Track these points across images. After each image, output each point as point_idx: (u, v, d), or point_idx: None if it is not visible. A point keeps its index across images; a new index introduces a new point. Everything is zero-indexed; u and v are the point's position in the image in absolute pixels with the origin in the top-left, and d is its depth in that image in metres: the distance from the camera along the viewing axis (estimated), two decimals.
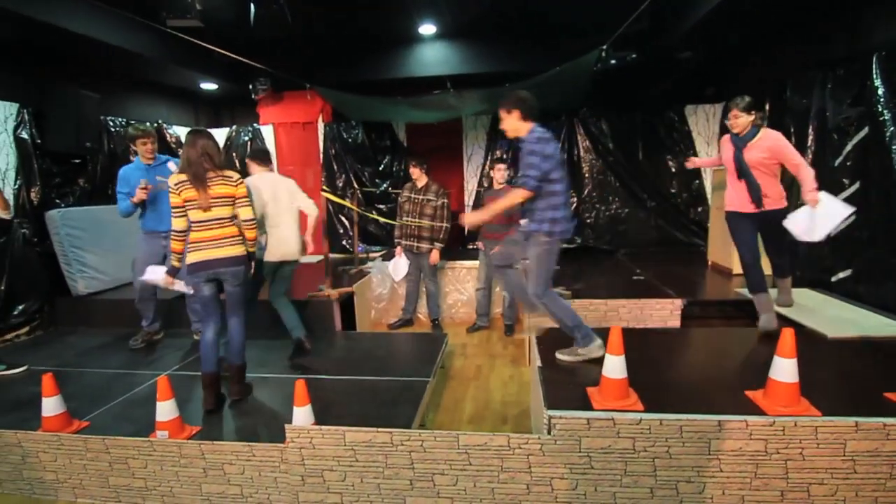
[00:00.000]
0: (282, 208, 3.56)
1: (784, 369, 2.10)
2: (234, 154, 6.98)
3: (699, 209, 6.22)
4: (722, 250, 4.97)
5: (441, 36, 5.66)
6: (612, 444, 2.06)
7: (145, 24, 4.24)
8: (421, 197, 4.65)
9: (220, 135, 7.01)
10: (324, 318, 4.27)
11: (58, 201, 4.77)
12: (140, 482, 2.41)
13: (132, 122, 5.76)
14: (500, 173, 4.62)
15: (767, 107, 5.01)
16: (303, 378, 2.40)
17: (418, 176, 4.68)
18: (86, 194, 5.03)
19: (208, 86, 6.39)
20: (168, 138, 6.39)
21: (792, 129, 4.33)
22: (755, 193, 3.15)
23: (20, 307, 4.37)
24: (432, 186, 4.68)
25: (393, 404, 2.80)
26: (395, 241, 4.87)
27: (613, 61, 4.87)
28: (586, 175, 6.47)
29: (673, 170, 6.29)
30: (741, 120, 3.15)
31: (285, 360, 3.56)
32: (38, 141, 4.60)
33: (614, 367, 2.20)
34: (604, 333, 2.29)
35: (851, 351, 2.85)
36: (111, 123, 5.39)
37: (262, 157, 3.68)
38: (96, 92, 4.96)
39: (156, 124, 6.20)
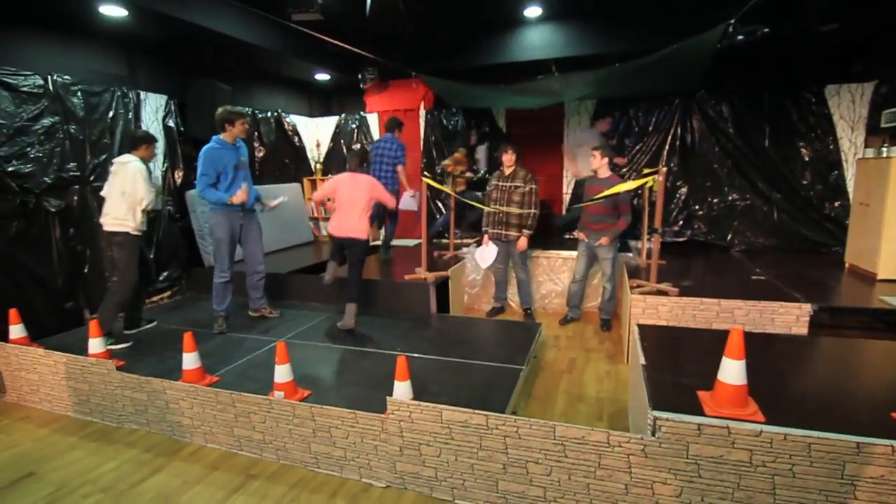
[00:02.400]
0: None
1: None
2: (342, 141, 7.40)
3: (836, 204, 5.47)
4: (865, 251, 4.35)
5: (547, 18, 5.48)
6: (724, 454, 1.90)
7: (269, 18, 4.60)
8: (508, 184, 4.58)
9: (330, 123, 7.45)
10: (420, 299, 4.42)
11: (196, 183, 5.38)
12: (259, 435, 2.68)
13: (255, 110, 6.34)
14: (595, 160, 4.41)
15: None
16: (404, 355, 2.50)
17: (510, 162, 4.59)
18: None
19: (322, 76, 6.80)
20: (286, 126, 6.94)
21: None
22: None
23: (165, 274, 5.05)
24: (520, 172, 4.59)
25: (486, 388, 2.84)
26: (483, 228, 4.83)
27: (741, 37, 4.39)
28: (698, 163, 5.96)
29: (806, 158, 5.57)
30: None
31: (384, 336, 3.73)
32: (182, 129, 5.23)
33: (733, 371, 2.03)
34: (715, 335, 2.11)
35: None
36: None
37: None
38: (228, 84, 5.50)
39: (275, 113, 6.75)
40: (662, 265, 4.54)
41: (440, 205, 6.97)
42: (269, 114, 6.64)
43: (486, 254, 4.82)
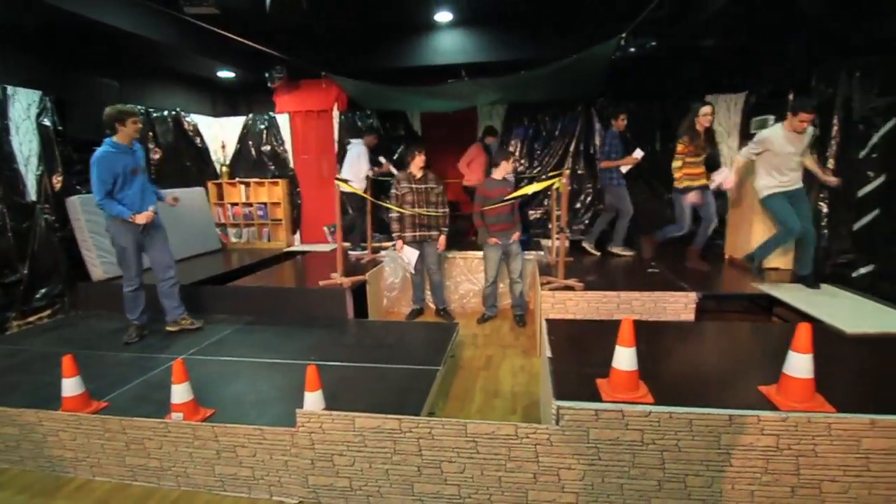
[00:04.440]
0: None
1: (799, 365, 2.06)
2: (249, 143, 7.05)
3: (717, 202, 6.08)
4: (740, 244, 4.89)
5: (457, 23, 5.61)
6: (620, 435, 2.05)
7: (163, 11, 4.28)
8: (423, 186, 4.63)
9: (237, 123, 7.07)
10: (336, 305, 4.31)
11: (78, 188, 4.87)
12: (155, 462, 2.47)
13: (149, 109, 5.86)
14: (508, 165, 4.62)
15: (791, 97, 4.87)
16: (314, 364, 2.43)
17: (422, 164, 4.65)
18: None
19: (225, 74, 6.44)
20: (185, 126, 6.47)
21: (816, 120, 4.21)
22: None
23: (42, 291, 4.51)
24: (429, 174, 4.67)
25: (402, 392, 2.83)
26: (396, 235, 4.72)
27: (633, 49, 4.77)
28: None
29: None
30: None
31: (297, 346, 3.60)
32: (60, 128, 4.70)
33: (624, 358, 2.19)
34: (615, 325, 2.27)
35: (870, 347, 2.79)
36: None
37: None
38: (116, 80, 5.03)
39: (174, 112, 6.28)
40: (570, 262, 4.81)
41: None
42: (166, 113, 6.16)
43: (409, 255, 4.80)
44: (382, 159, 6.06)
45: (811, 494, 2.02)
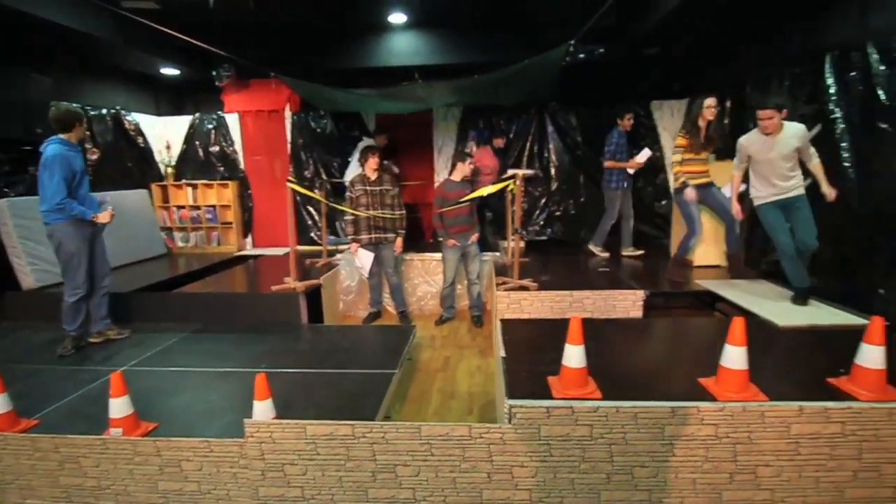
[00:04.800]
0: None
1: (734, 357, 2.17)
2: (197, 143, 6.78)
3: (663, 202, 6.37)
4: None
5: (411, 25, 5.60)
6: (570, 431, 2.10)
7: (100, 5, 4.05)
8: (378, 188, 4.61)
9: (183, 123, 6.79)
10: (289, 310, 4.21)
11: (6, 190, 4.54)
12: (92, 481, 2.33)
13: (86, 107, 5.53)
14: (466, 167, 4.65)
15: (728, 103, 5.16)
16: (264, 371, 2.36)
17: (377, 166, 4.62)
18: (36, 183, 4.78)
19: (169, 71, 6.17)
20: (126, 125, 6.16)
21: (751, 126, 4.46)
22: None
23: None
24: (385, 176, 4.66)
25: (357, 397, 2.79)
26: (350, 237, 4.71)
27: (582, 55, 4.92)
28: (555, 169, 6.53)
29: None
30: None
31: (247, 354, 3.49)
32: None
33: (573, 356, 2.24)
34: (567, 324, 2.32)
35: (799, 339, 2.98)
36: None
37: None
38: (48, 75, 4.72)
39: (113, 110, 5.96)
40: (526, 263, 4.89)
41: (312, 211, 6.72)
42: (104, 111, 5.83)
43: (364, 261, 4.75)
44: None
45: (748, 479, 2.13)
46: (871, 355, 2.15)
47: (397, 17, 5.38)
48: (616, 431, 2.10)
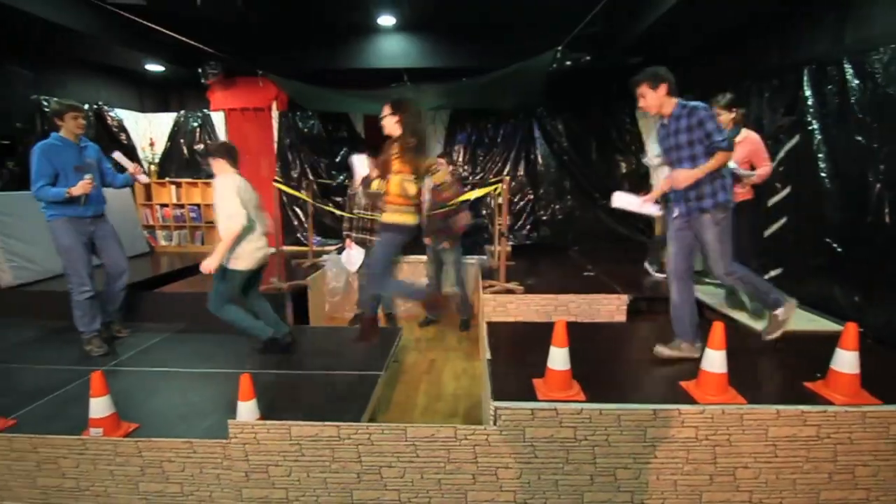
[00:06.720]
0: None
1: (714, 360, 2.23)
2: (181, 141, 6.69)
3: None
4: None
5: (400, 28, 5.61)
6: (554, 433, 2.12)
7: None
8: (374, 190, 4.61)
9: (167, 120, 6.70)
10: (275, 311, 4.16)
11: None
12: (71, 482, 2.29)
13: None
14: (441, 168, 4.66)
15: None
16: (248, 372, 2.34)
17: (371, 168, 4.62)
18: (15, 178, 4.71)
19: (154, 67, 6.09)
20: (109, 121, 6.07)
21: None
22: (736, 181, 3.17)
23: None
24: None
25: (343, 399, 2.78)
26: (345, 233, 4.78)
27: (568, 62, 4.98)
28: (542, 173, 6.60)
29: (623, 169, 6.51)
30: (722, 118, 3.18)
31: (232, 355, 3.45)
32: None
33: (558, 358, 2.27)
34: (551, 327, 2.35)
35: (776, 344, 3.05)
36: (45, 103, 5.05)
37: (234, 156, 3.39)
38: (29, 69, 4.63)
39: (96, 106, 5.86)
40: (511, 266, 4.92)
41: (298, 211, 6.68)
42: (87, 106, 5.73)
43: (352, 257, 4.74)
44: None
45: (727, 481, 2.18)
46: (845, 360, 2.22)
47: (386, 20, 5.39)
48: (599, 433, 2.13)
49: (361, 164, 3.31)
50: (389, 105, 2.99)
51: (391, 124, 3.01)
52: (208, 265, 3.01)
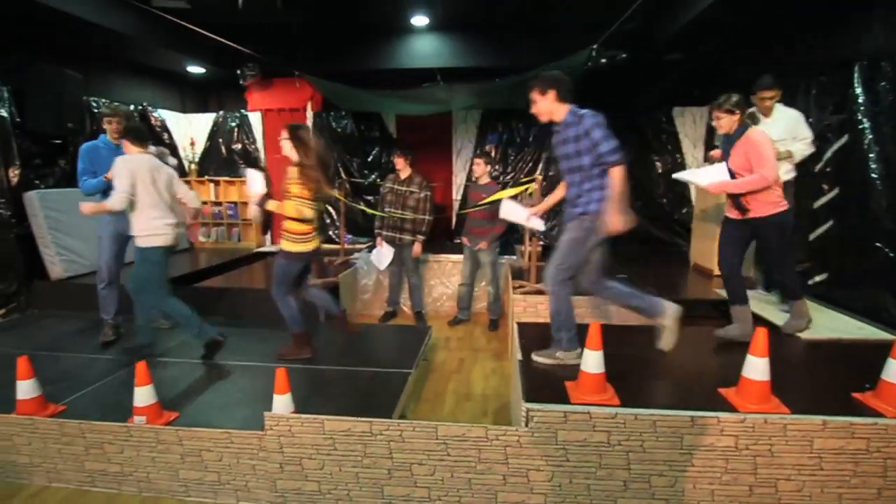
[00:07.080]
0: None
1: (756, 368, 2.15)
2: (220, 140, 6.90)
3: (683, 210, 6.30)
4: (704, 252, 5.05)
5: (433, 28, 5.63)
6: (587, 437, 2.09)
7: (131, 3, 4.16)
8: (404, 188, 4.65)
9: (207, 120, 6.92)
10: (307, 307, 4.24)
11: (37, 182, 4.68)
12: (116, 467, 2.39)
13: (116, 102, 5.67)
14: (479, 167, 4.66)
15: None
16: (284, 366, 2.40)
17: (402, 166, 4.67)
18: (66, 176, 4.93)
19: (195, 69, 6.29)
20: (153, 121, 6.30)
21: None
22: (735, 199, 2.97)
23: None
24: (416, 178, 4.68)
25: (374, 395, 2.81)
26: (376, 231, 4.85)
27: (604, 60, 4.90)
28: None
29: (659, 171, 6.36)
30: (723, 121, 2.95)
31: (269, 349, 3.53)
32: (18, 120, 4.50)
33: (592, 361, 2.24)
34: (584, 329, 2.32)
35: (823, 352, 2.93)
36: (94, 104, 5.28)
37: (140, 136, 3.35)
38: (80, 72, 4.86)
39: (140, 107, 6.10)
40: (542, 266, 4.86)
41: (330, 209, 6.79)
42: (132, 107, 5.97)
43: (382, 256, 4.81)
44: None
45: (768, 493, 2.10)
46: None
47: (419, 20, 5.42)
48: (634, 439, 2.08)
49: (255, 181, 3.26)
50: (286, 129, 3.06)
51: (287, 148, 3.06)
52: None
